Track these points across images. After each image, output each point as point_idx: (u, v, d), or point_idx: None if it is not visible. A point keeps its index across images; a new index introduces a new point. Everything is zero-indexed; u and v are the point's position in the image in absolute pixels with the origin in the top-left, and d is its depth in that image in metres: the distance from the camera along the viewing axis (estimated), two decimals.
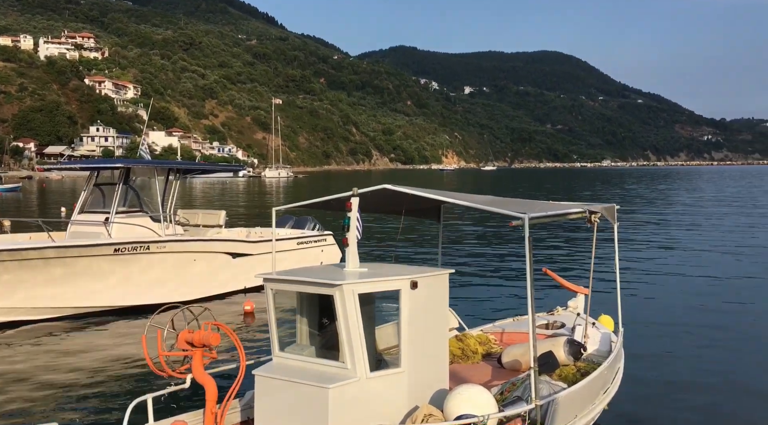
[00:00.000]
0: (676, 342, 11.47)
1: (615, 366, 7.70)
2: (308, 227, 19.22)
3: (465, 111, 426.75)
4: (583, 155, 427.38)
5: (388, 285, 5.96)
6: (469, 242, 26.21)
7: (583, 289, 8.96)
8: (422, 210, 8.81)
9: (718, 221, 34.88)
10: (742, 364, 10.22)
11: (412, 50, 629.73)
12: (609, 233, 8.60)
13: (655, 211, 42.36)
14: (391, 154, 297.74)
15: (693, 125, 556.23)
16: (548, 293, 14.53)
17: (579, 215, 7.29)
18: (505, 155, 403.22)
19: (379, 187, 6.86)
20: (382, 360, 6.29)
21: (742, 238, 26.85)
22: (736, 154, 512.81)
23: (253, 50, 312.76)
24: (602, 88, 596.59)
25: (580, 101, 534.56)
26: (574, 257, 21.72)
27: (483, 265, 20.43)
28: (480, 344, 8.46)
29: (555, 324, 9.13)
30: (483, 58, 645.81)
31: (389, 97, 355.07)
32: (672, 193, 67.19)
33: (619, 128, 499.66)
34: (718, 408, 8.50)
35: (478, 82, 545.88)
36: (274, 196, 67.61)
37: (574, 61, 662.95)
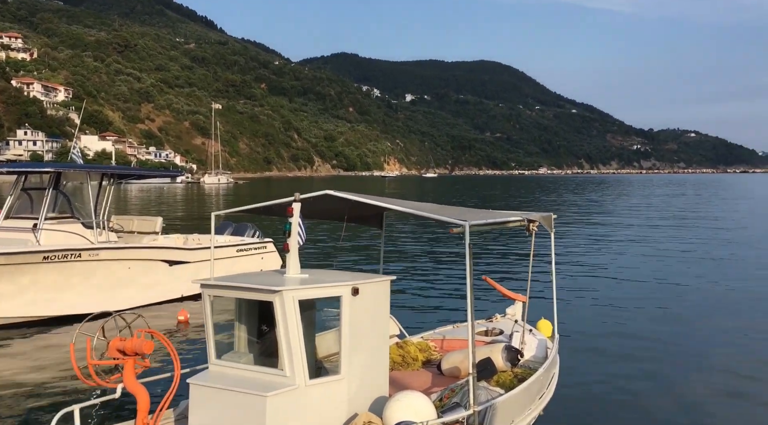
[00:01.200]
0: (610, 347, 11.85)
1: (550, 371, 7.89)
2: (248, 234, 18.93)
3: (406, 118, 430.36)
4: (520, 163, 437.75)
5: (329, 292, 5.93)
6: (411, 249, 26.39)
7: (521, 297, 9.16)
8: (364, 217, 8.81)
9: (648, 228, 36.35)
10: (673, 368, 10.64)
11: (354, 57, 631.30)
12: (546, 241, 8.82)
13: (590, 218, 43.79)
14: (333, 160, 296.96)
15: (623, 134, 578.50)
16: (487, 301, 14.77)
17: (518, 223, 7.46)
18: (446, 162, 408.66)
19: (322, 193, 6.84)
20: (322, 367, 6.24)
21: (670, 244, 28.06)
22: (663, 163, 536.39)
23: (192, 54, 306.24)
24: (539, 98, 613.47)
25: (518, 110, 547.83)
26: (512, 264, 22.18)
27: (424, 272, 20.59)
28: (420, 351, 8.51)
29: (493, 330, 9.28)
30: (424, 66, 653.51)
31: (331, 103, 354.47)
32: (605, 200, 69.65)
33: (555, 137, 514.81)
34: (650, 412, 8.82)
35: (419, 90, 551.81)
36: (214, 202, 66.27)
37: (512, 71, 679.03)
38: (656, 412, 8.74)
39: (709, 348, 11.78)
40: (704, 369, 10.55)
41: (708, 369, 10.56)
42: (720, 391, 9.55)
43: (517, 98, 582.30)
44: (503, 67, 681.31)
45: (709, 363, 10.88)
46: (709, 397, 9.30)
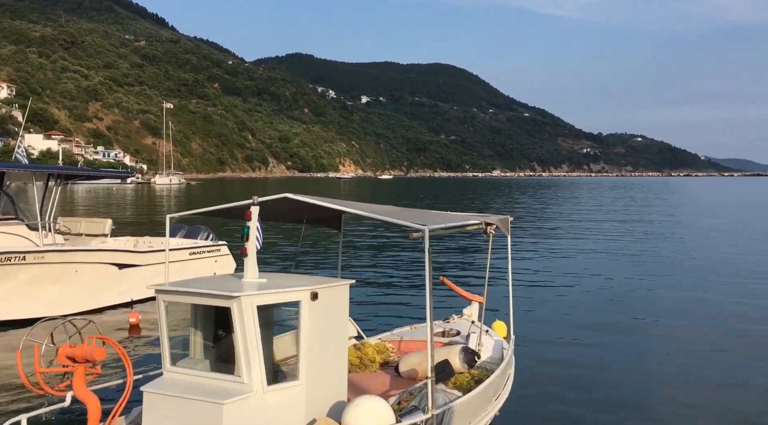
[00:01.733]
0: (564, 347, 12.09)
1: (506, 372, 7.99)
2: (201, 237, 18.60)
3: (362, 120, 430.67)
4: (475, 165, 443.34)
5: (287, 297, 5.86)
6: (369, 252, 26.41)
7: (478, 297, 9.26)
8: (323, 219, 8.77)
9: (599, 229, 37.30)
10: (626, 365, 10.91)
11: (309, 58, 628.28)
12: (503, 243, 8.95)
13: (543, 220, 44.65)
14: (288, 161, 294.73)
15: (574, 138, 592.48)
16: (445, 302, 14.88)
17: (476, 226, 7.55)
18: (401, 164, 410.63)
19: (280, 196, 6.76)
20: (280, 371, 6.17)
21: (621, 244, 28.86)
22: (612, 166, 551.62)
23: (142, 52, 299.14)
24: (492, 102, 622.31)
25: (472, 113, 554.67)
26: (470, 266, 22.44)
27: (382, 274, 20.63)
28: (378, 353, 8.51)
29: (451, 331, 9.35)
30: (380, 68, 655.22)
31: (286, 104, 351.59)
32: (558, 203, 71.16)
33: (508, 140, 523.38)
34: (604, 409, 9.03)
35: (374, 92, 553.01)
36: (166, 203, 64.89)
37: (466, 74, 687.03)
38: (609, 409, 8.96)
39: (659, 345, 12.14)
40: (655, 366, 10.86)
41: (659, 365, 10.88)
42: (672, 387, 9.85)
43: (471, 101, 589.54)
44: (458, 71, 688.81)
45: (659, 360, 11.21)
46: (661, 393, 9.58)
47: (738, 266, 22.45)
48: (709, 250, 27.01)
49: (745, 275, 20.43)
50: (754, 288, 18.07)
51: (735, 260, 23.78)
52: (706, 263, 23.22)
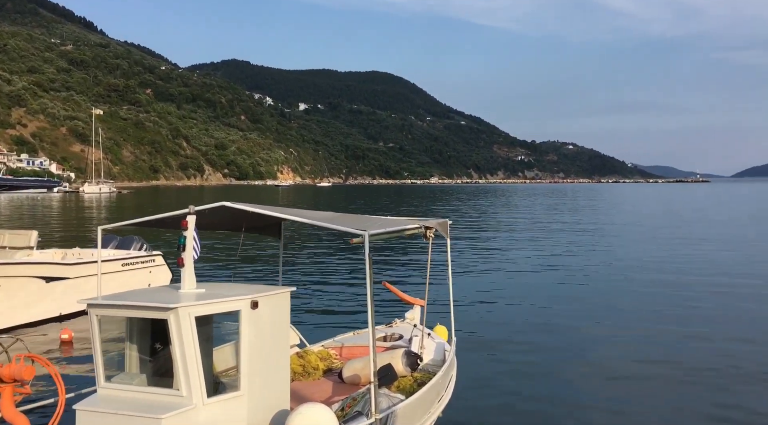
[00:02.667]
0: (504, 348, 12.34)
1: (449, 374, 8.10)
2: (134, 248, 18.00)
3: (300, 127, 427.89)
4: (413, 172, 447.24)
5: (227, 306, 5.75)
6: (310, 259, 26.23)
7: (420, 301, 9.35)
8: (263, 227, 8.66)
9: (534, 233, 38.30)
10: (563, 365, 11.21)
11: (246, 65, 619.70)
12: (443, 247, 9.08)
13: (481, 225, 45.50)
14: (225, 169, 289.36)
15: (509, 146, 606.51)
16: (387, 306, 14.94)
17: (416, 230, 7.63)
18: (340, 172, 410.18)
19: (218, 204, 6.64)
20: (220, 383, 6.04)
21: (555, 248, 29.72)
22: (545, 173, 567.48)
23: (69, 56, 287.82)
24: (429, 110, 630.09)
25: (409, 121, 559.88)
26: (411, 270, 22.62)
27: (324, 280, 20.53)
28: (321, 360, 8.46)
29: (393, 336, 9.39)
30: (317, 75, 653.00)
31: (222, 111, 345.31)
32: (494, 208, 72.69)
33: (445, 147, 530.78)
34: (543, 413, 9.24)
35: (312, 100, 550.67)
36: (95, 213, 62.52)
37: (403, 82, 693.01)
38: (549, 407, 9.19)
39: (595, 343, 12.55)
40: (593, 363, 11.22)
41: (596, 362, 11.24)
42: (608, 383, 10.20)
43: (409, 109, 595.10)
44: (395, 79, 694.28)
45: (596, 357, 11.59)
46: (599, 389, 9.90)
47: (665, 267, 23.49)
48: (637, 252, 28.16)
49: (670, 272, 21.41)
50: (679, 288, 18.94)
51: (662, 262, 24.88)
52: (636, 264, 24.20)
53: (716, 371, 10.83)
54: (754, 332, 13.50)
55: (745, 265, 24.01)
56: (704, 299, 17.08)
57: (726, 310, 15.77)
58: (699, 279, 20.49)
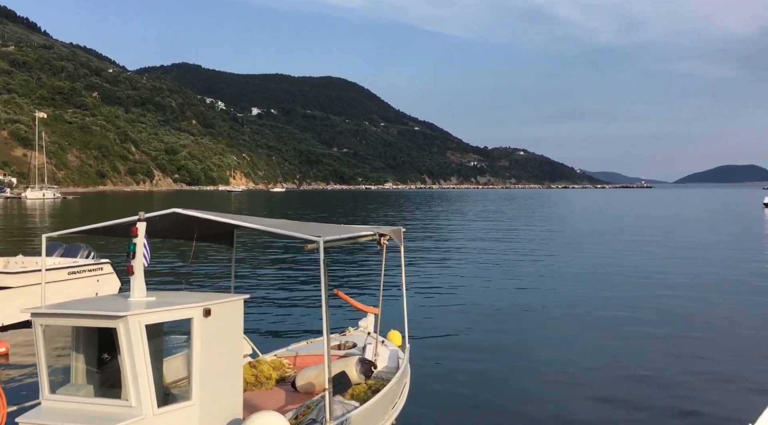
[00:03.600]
0: (457, 354, 12.45)
1: (402, 380, 8.15)
2: (81, 255, 17.46)
3: (253, 132, 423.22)
4: (367, 178, 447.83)
5: (178, 314, 5.66)
6: (264, 266, 25.95)
7: (373, 309, 9.38)
8: (215, 234, 8.55)
9: (487, 239, 38.85)
10: (519, 373, 11.36)
11: (197, 68, 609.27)
12: (397, 254, 9.13)
13: (435, 231, 45.87)
14: (175, 174, 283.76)
15: (462, 151, 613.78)
16: (341, 314, 14.91)
17: (370, 237, 7.66)
18: (294, 177, 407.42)
19: (169, 211, 6.53)
20: (170, 393, 5.93)
21: (508, 253, 30.21)
22: (497, 178, 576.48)
23: (11, 57, 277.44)
24: (383, 115, 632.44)
25: (364, 126, 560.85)
26: (365, 277, 22.62)
27: (277, 288, 20.34)
28: (274, 369, 8.39)
29: (347, 344, 9.39)
30: (271, 80, 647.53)
31: (172, 115, 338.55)
32: (448, 214, 73.42)
33: (399, 153, 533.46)
34: (496, 418, 9.37)
35: (265, 104, 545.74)
36: (39, 220, 60.36)
37: (357, 88, 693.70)
38: (502, 413, 9.33)
39: (547, 348, 12.81)
40: (545, 369, 11.44)
41: (548, 367, 11.46)
42: (560, 387, 10.41)
43: (363, 115, 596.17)
44: (349, 84, 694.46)
45: (549, 362, 11.82)
46: (551, 394, 10.11)
47: (614, 271, 24.17)
48: (587, 257, 28.89)
49: (619, 275, 22.04)
50: (627, 290, 19.51)
51: (611, 266, 25.59)
52: (587, 269, 24.81)
53: (663, 369, 11.21)
54: (700, 331, 14.02)
55: (688, 267, 24.90)
56: (651, 301, 17.64)
57: (672, 311, 16.33)
58: (645, 282, 21.14)
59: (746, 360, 11.90)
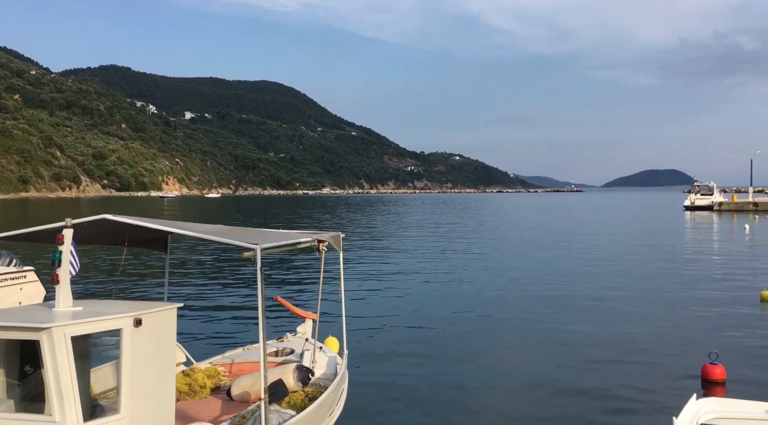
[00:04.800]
0: (395, 358, 12.51)
1: (340, 387, 8.12)
2: (2, 263, 16.61)
3: (186, 137, 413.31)
4: (305, 183, 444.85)
5: (106, 325, 5.46)
6: (199, 273, 25.34)
7: (312, 314, 9.32)
8: (148, 241, 8.30)
9: (425, 243, 39.25)
10: (457, 378, 11.46)
11: (126, 70, 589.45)
12: (335, 259, 9.11)
13: (373, 236, 46.00)
14: (104, 180, 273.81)
15: (399, 156, 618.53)
16: (279, 320, 14.73)
17: (309, 244, 7.61)
18: (230, 182, 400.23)
19: (98, 217, 6.30)
20: (98, 405, 5.72)
21: (445, 258, 30.61)
22: (434, 183, 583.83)
23: None
24: (320, 120, 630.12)
25: (300, 131, 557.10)
26: (303, 283, 22.43)
27: (213, 295, 19.90)
28: (209, 377, 8.21)
29: (284, 350, 9.28)
30: (204, 83, 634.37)
31: (101, 118, 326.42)
32: (386, 219, 73.77)
33: (337, 158, 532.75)
34: (435, 416, 9.47)
35: (199, 108, 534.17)
36: None
37: (293, 92, 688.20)
38: (439, 418, 9.42)
39: (485, 354, 13.02)
40: (480, 371, 11.63)
41: (485, 373, 11.65)
42: (496, 391, 10.61)
43: (300, 119, 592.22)
44: (285, 89, 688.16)
45: (484, 365, 12.03)
46: (487, 399, 10.29)
47: (547, 274, 24.87)
48: (522, 260, 29.63)
49: (553, 276, 22.71)
50: (560, 294, 20.13)
51: (543, 269, 26.33)
52: (522, 273, 25.43)
53: (594, 369, 11.61)
54: (628, 328, 14.60)
55: (619, 267, 25.91)
56: (582, 299, 18.25)
57: (604, 309, 16.95)
58: (577, 285, 21.85)
59: (670, 355, 12.48)
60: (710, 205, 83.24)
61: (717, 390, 10.24)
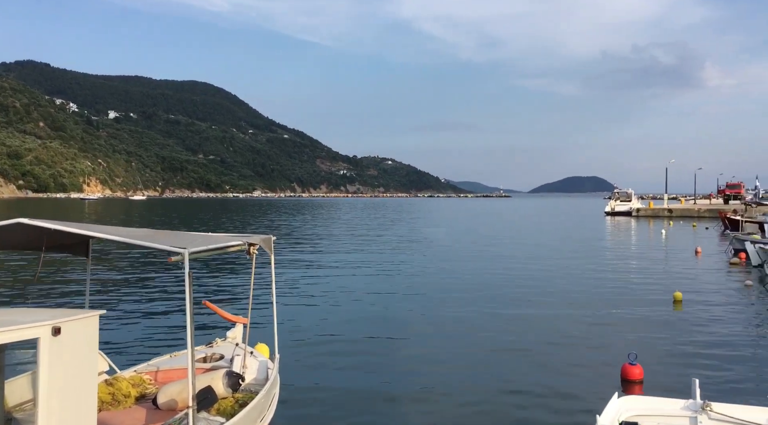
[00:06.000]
0: (329, 363, 12.43)
1: (271, 392, 8.03)
2: None
3: (110, 137, 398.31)
4: (235, 186, 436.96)
5: (21, 334, 5.18)
6: (123, 279, 24.39)
7: (242, 319, 9.16)
8: (68, 246, 7.94)
9: (357, 247, 39.29)
10: (390, 381, 11.49)
11: (45, 67, 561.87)
12: (266, 263, 9.00)
13: (305, 239, 45.65)
14: (20, 180, 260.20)
15: (331, 160, 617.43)
16: (208, 326, 14.40)
17: (239, 247, 7.49)
18: (156, 184, 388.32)
19: (13, 221, 5.99)
20: (13, 419, 5.44)
21: (378, 261, 30.73)
22: (366, 187, 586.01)
23: None
24: (252, 122, 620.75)
25: (231, 133, 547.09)
26: (235, 287, 22.00)
27: (138, 302, 19.21)
28: (133, 386, 7.94)
29: (214, 356, 9.09)
30: (129, 82, 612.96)
31: (16, 116, 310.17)
32: (318, 222, 73.38)
33: (269, 161, 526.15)
34: (366, 419, 9.48)
35: (124, 108, 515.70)
36: None
37: (224, 93, 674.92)
38: (371, 421, 9.45)
39: (418, 356, 13.14)
40: (416, 376, 11.71)
41: (419, 375, 11.76)
42: (431, 392, 10.73)
43: (230, 121, 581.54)
44: (215, 89, 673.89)
45: (419, 370, 12.13)
46: (422, 401, 10.39)
47: (481, 277, 25.39)
48: (456, 262, 30.13)
49: (490, 277, 23.22)
50: (495, 297, 20.60)
51: (478, 271, 26.87)
52: (456, 274, 25.86)
53: (520, 370, 11.94)
54: (550, 327, 15.10)
55: (545, 269, 26.76)
56: (507, 307, 18.74)
57: (527, 308, 17.46)
58: (501, 288, 22.42)
59: (592, 356, 12.99)
60: (629, 211, 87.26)
61: (636, 389, 10.73)
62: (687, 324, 16.09)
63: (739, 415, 7.06)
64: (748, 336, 14.74)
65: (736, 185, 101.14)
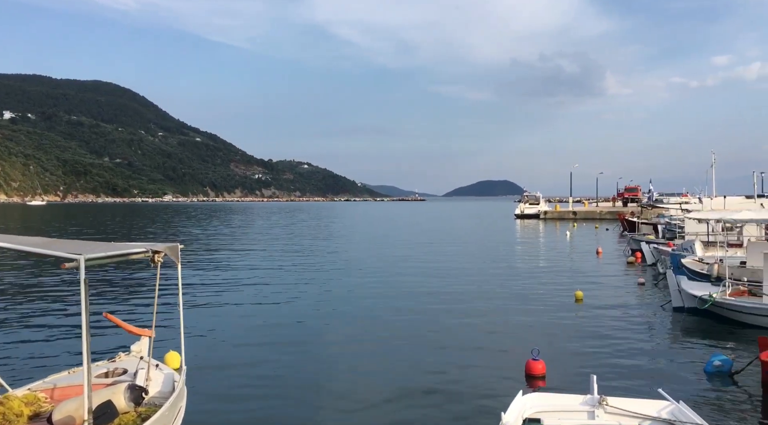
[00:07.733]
0: (238, 373, 12.20)
1: (177, 404, 7.80)
2: None
3: (5, 138, 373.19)
4: (144, 190, 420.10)
5: None
6: (15, 291, 22.91)
7: (147, 331, 8.85)
8: None
9: (269, 252, 38.75)
10: (302, 387, 11.45)
11: None
12: (173, 271, 8.75)
13: (215, 246, 44.56)
14: None
15: (246, 164, 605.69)
16: (113, 339, 13.78)
17: (142, 254, 7.25)
18: (57, 189, 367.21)
19: None
20: None
21: (289, 267, 30.43)
22: (282, 191, 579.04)
23: None
24: (162, 125, 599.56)
25: (139, 135, 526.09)
26: (139, 297, 21.14)
27: (32, 315, 18.11)
28: (26, 404, 7.51)
29: (116, 371, 8.73)
30: (27, 81, 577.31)
31: None
32: (230, 228, 71.79)
33: (180, 164, 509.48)
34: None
35: (21, 108, 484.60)
36: None
37: (131, 94, 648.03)
38: None
39: (331, 362, 13.13)
40: (329, 383, 11.70)
41: (331, 382, 11.75)
42: (345, 399, 10.74)
43: (138, 123, 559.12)
44: (122, 90, 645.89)
45: (331, 376, 12.12)
46: (337, 407, 10.38)
47: (397, 278, 25.65)
48: (364, 266, 30.30)
49: (407, 278, 23.50)
50: (410, 296, 20.87)
51: (385, 274, 27.14)
52: (370, 278, 26.01)
53: (430, 371, 12.18)
54: (456, 326, 15.50)
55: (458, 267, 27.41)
56: (415, 307, 19.07)
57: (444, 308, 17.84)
58: (413, 286, 22.80)
59: (497, 352, 13.44)
60: (537, 214, 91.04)
61: (539, 384, 11.21)
62: (586, 321, 16.98)
63: (633, 408, 7.53)
64: (641, 332, 15.72)
65: (634, 189, 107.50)
